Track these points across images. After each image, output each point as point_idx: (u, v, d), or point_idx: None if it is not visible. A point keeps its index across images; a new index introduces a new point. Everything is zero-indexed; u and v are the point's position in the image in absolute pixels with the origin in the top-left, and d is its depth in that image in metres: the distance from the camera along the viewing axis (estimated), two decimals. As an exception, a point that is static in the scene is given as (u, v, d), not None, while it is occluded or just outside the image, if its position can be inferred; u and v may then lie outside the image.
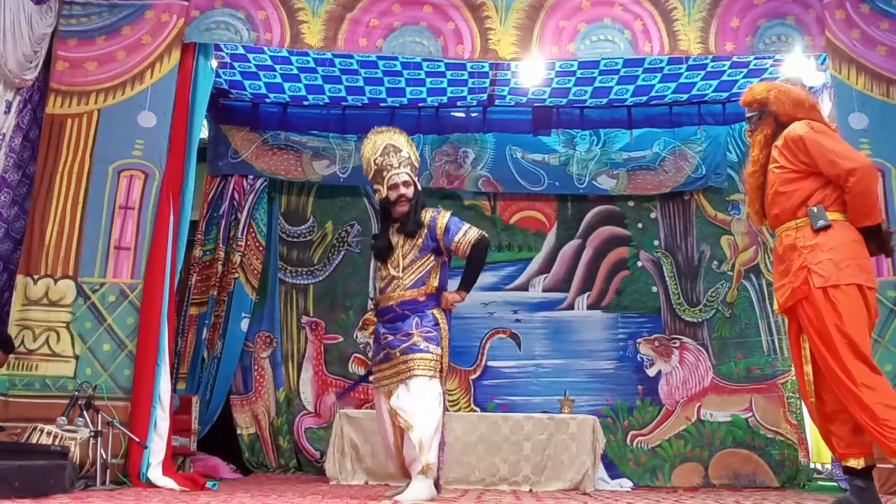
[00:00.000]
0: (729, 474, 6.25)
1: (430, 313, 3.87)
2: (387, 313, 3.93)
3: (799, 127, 3.20)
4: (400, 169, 3.96)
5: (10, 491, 2.95)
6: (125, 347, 4.52)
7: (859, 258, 3.08)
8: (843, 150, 3.12)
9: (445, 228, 3.88)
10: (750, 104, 3.42)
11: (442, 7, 5.06)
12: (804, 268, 3.08)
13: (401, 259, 3.92)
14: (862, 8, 4.82)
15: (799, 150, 3.15)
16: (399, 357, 3.79)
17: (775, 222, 3.27)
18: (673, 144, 6.86)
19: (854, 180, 3.03)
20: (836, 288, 3.01)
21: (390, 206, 3.97)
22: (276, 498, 3.64)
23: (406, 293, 3.88)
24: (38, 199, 4.68)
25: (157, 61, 4.89)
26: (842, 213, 3.12)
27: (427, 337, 3.81)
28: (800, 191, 3.16)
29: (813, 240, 3.09)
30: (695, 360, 6.63)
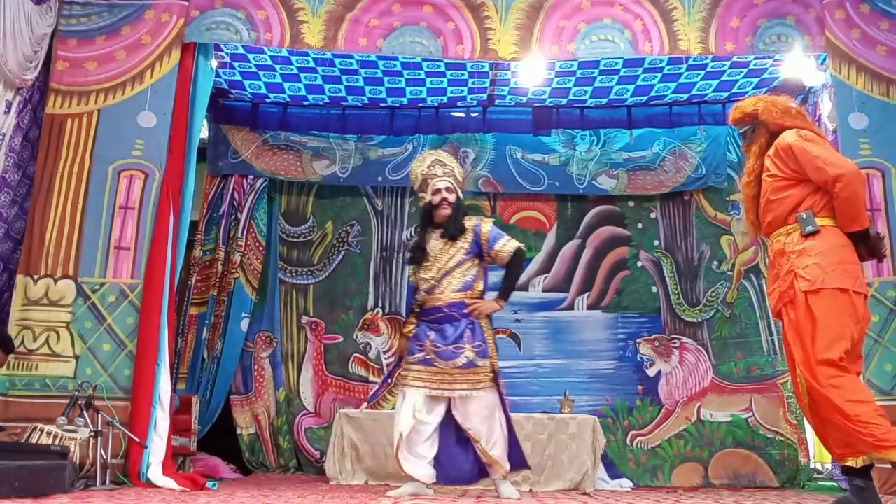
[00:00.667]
0: (729, 474, 6.25)
1: (479, 325, 4.11)
2: (435, 313, 4.13)
3: (788, 135, 3.27)
4: (443, 177, 4.25)
5: (10, 491, 2.95)
6: (125, 347, 4.52)
7: (846, 263, 3.12)
8: (829, 157, 3.18)
9: (490, 236, 4.16)
10: (741, 120, 3.50)
11: (442, 7, 5.06)
12: (791, 272, 3.14)
13: (448, 261, 4.16)
14: (862, 8, 4.82)
15: (788, 157, 3.23)
16: (454, 370, 4.03)
17: (768, 229, 3.34)
18: (673, 144, 6.86)
19: (841, 185, 3.09)
20: (819, 292, 3.06)
21: (433, 210, 4.23)
22: (276, 498, 3.64)
23: (455, 295, 4.13)
24: (38, 199, 4.68)
25: (157, 61, 4.89)
26: (831, 219, 3.17)
27: (478, 351, 4.06)
28: (790, 198, 3.24)
29: (801, 244, 3.16)
30: (695, 360, 6.63)
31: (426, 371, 4.08)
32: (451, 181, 4.26)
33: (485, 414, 4.03)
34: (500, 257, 4.16)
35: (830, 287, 3.05)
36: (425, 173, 4.28)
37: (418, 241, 4.27)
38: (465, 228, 4.17)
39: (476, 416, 4.02)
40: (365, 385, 6.74)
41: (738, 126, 3.54)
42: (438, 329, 4.11)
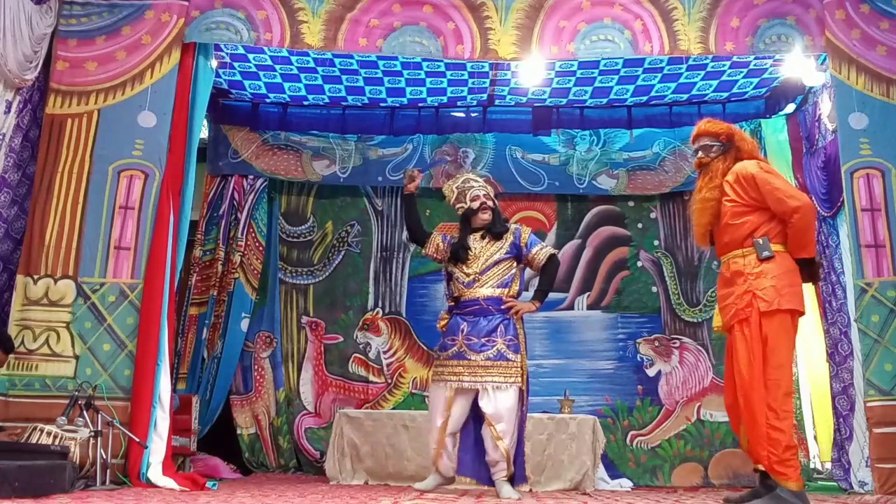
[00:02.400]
0: (729, 474, 6.25)
1: (513, 322, 4.30)
2: (471, 305, 4.31)
3: (750, 166, 3.58)
4: (479, 188, 4.53)
5: (10, 491, 2.95)
6: (125, 347, 4.52)
7: (795, 286, 3.50)
8: (789, 190, 3.55)
9: (529, 240, 4.45)
10: (717, 134, 3.74)
11: (442, 7, 5.06)
12: (749, 292, 3.45)
13: (488, 259, 4.38)
14: (862, 8, 4.82)
15: (749, 186, 3.53)
16: (483, 362, 4.19)
17: (724, 249, 3.62)
18: (673, 144, 6.86)
19: (798, 217, 3.44)
20: (774, 313, 3.40)
21: (472, 214, 4.45)
22: (276, 498, 3.64)
23: (494, 290, 4.33)
24: (38, 199, 4.68)
25: (157, 61, 4.89)
26: (782, 245, 3.52)
27: (510, 345, 4.24)
28: (748, 223, 3.53)
29: (758, 267, 3.47)
30: (695, 360, 6.63)
31: (459, 365, 4.24)
32: (487, 190, 4.55)
33: (509, 407, 4.15)
34: (537, 261, 4.41)
35: (784, 308, 3.42)
36: (460, 187, 4.56)
37: (461, 241, 4.44)
38: (506, 230, 4.44)
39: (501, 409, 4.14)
40: (365, 385, 6.75)
41: (710, 138, 3.75)
42: (473, 321, 4.29)
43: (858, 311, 4.56)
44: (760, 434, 3.35)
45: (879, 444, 4.34)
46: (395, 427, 5.59)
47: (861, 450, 4.96)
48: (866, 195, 4.64)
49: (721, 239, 3.64)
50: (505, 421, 4.13)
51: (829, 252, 5.54)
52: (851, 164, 4.70)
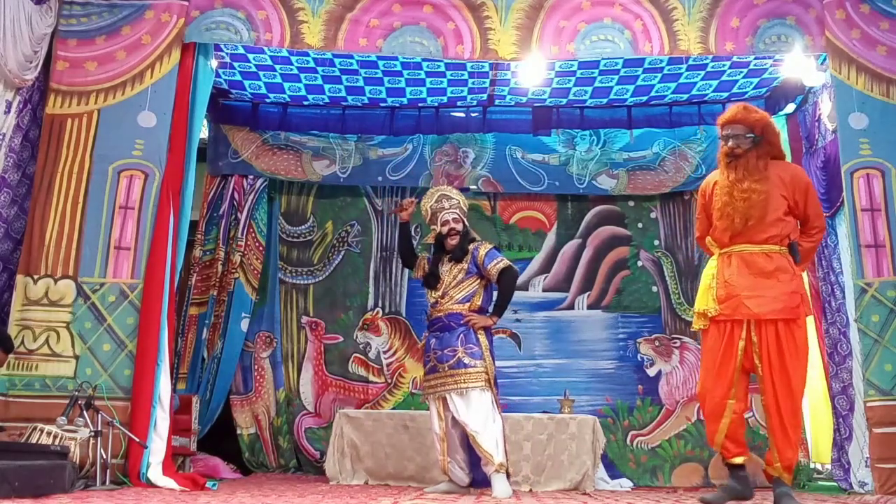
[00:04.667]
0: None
1: (473, 332, 4.55)
2: (436, 323, 4.65)
3: (803, 173, 3.78)
4: (450, 210, 4.76)
5: (10, 491, 2.95)
6: (125, 347, 4.52)
7: None
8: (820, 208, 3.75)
9: (484, 257, 4.63)
10: (753, 126, 3.62)
11: (442, 7, 5.06)
12: (798, 293, 3.53)
13: (451, 280, 4.66)
14: (862, 8, 4.81)
15: (800, 191, 3.62)
16: (447, 371, 4.49)
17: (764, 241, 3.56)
18: (673, 144, 6.86)
19: (820, 236, 3.72)
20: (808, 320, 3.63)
21: (443, 239, 4.74)
22: (276, 498, 3.64)
23: (454, 307, 4.61)
24: (38, 199, 4.68)
25: (157, 61, 4.89)
26: None
27: (471, 353, 4.49)
28: (790, 224, 3.61)
29: (797, 270, 3.60)
30: (695, 359, 6.63)
31: (434, 378, 4.57)
32: (457, 212, 4.76)
33: (480, 410, 4.38)
34: (491, 275, 4.62)
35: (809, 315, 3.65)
36: (434, 207, 4.79)
37: (431, 269, 4.76)
38: (466, 251, 4.67)
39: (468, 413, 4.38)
40: (365, 385, 6.75)
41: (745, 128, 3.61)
42: (439, 337, 4.61)
43: (858, 311, 4.57)
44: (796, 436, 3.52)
45: (879, 444, 4.34)
46: (395, 427, 5.59)
47: (861, 450, 4.96)
48: (866, 195, 4.64)
49: (765, 230, 3.55)
50: (473, 420, 4.35)
51: (829, 252, 5.54)
52: (851, 164, 4.70)
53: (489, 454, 4.29)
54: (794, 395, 3.46)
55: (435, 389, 4.54)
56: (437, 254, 4.80)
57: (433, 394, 4.56)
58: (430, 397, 4.62)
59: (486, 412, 4.37)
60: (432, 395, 4.57)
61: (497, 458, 4.29)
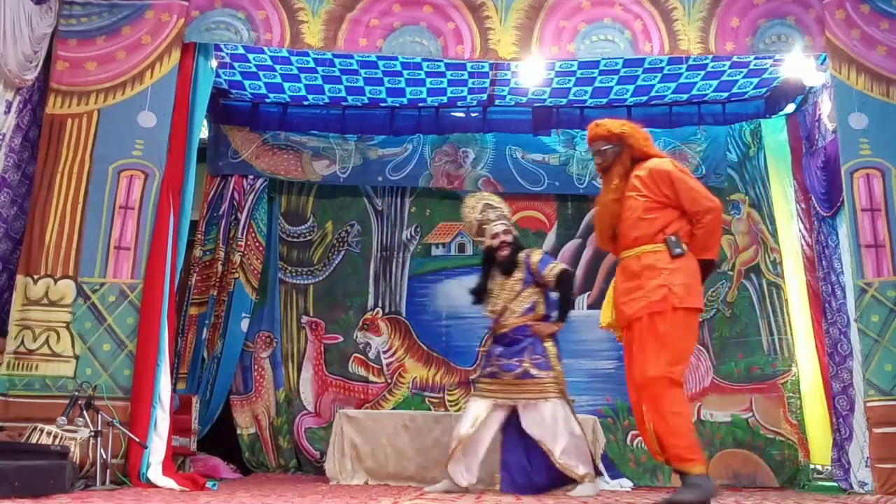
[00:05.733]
0: (729, 474, 6.24)
1: (540, 342, 4.60)
2: (503, 339, 4.69)
3: (665, 163, 3.65)
4: (497, 221, 4.77)
5: (10, 491, 2.95)
6: (125, 347, 4.52)
7: (700, 285, 3.60)
8: (703, 191, 3.61)
9: (538, 264, 4.67)
10: (607, 138, 3.74)
11: (442, 7, 5.06)
12: (665, 286, 3.47)
13: (509, 293, 4.68)
14: (862, 8, 4.82)
15: (664, 183, 3.57)
16: (512, 381, 4.55)
17: (633, 244, 3.62)
18: (673, 144, 6.85)
19: (710, 218, 3.53)
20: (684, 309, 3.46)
21: (494, 251, 4.75)
22: (276, 498, 3.64)
23: (518, 320, 4.65)
24: (38, 199, 4.68)
25: (157, 61, 4.89)
26: (687, 245, 3.57)
27: (537, 364, 4.55)
28: (659, 219, 3.57)
29: (673, 264, 3.51)
30: (695, 359, 6.62)
31: (494, 383, 4.61)
32: (505, 223, 4.77)
33: (548, 422, 4.45)
34: (549, 281, 4.63)
35: (692, 306, 3.50)
36: (479, 219, 4.83)
37: (482, 283, 4.79)
38: (516, 262, 4.68)
39: (537, 425, 4.46)
40: (365, 385, 6.75)
41: (602, 143, 3.74)
42: (505, 347, 4.66)
43: (858, 311, 4.57)
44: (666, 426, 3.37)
45: (879, 444, 4.35)
46: (395, 427, 5.59)
47: (861, 450, 4.96)
48: (866, 195, 4.64)
49: (629, 234, 3.63)
50: (544, 435, 4.43)
51: (829, 252, 5.54)
52: (851, 164, 4.70)
53: (570, 470, 4.39)
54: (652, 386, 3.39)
55: (495, 395, 4.59)
56: (486, 267, 4.82)
57: (491, 398, 4.60)
58: (483, 398, 4.63)
59: (559, 424, 4.44)
60: (490, 398, 4.60)
61: (579, 471, 4.40)
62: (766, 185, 6.59)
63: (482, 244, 4.84)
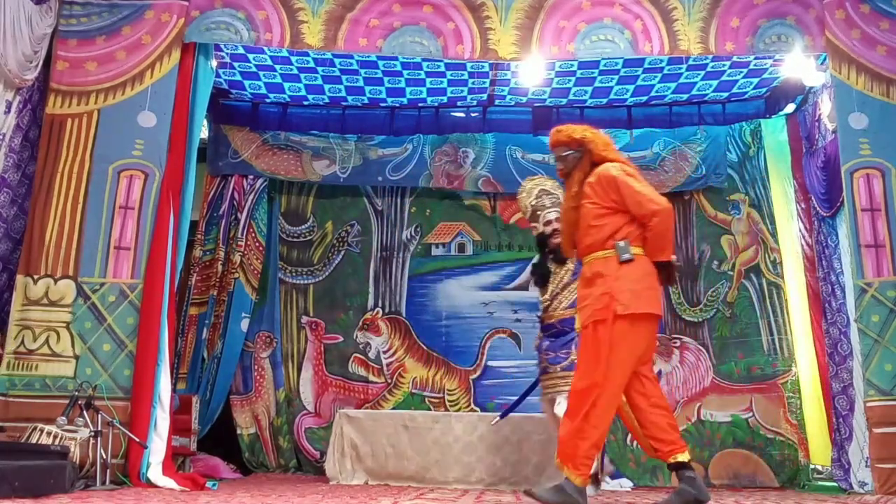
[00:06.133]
0: (729, 474, 6.25)
1: None
2: (550, 329, 4.72)
3: (611, 168, 3.59)
4: (552, 208, 4.70)
5: (10, 491, 2.95)
6: (125, 347, 4.52)
7: (653, 289, 3.52)
8: (649, 194, 3.55)
9: None
10: (568, 144, 3.72)
11: (442, 7, 5.06)
12: (608, 294, 3.44)
13: (557, 283, 4.68)
14: (862, 8, 4.82)
15: (610, 188, 3.54)
16: (559, 373, 4.58)
17: (586, 251, 3.62)
18: (673, 144, 6.86)
19: (657, 220, 3.47)
20: (631, 316, 3.40)
21: (546, 238, 4.72)
22: (276, 498, 3.64)
23: (566, 312, 4.62)
24: (38, 199, 4.68)
25: (157, 61, 4.89)
26: (641, 248, 3.52)
27: None
28: (609, 225, 3.54)
29: (618, 270, 3.47)
30: (695, 359, 6.63)
31: (547, 379, 4.71)
32: (558, 210, 4.57)
33: None
34: None
35: (641, 312, 3.42)
36: (534, 205, 4.79)
37: (542, 268, 4.75)
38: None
39: None
40: (365, 385, 6.75)
41: (563, 148, 3.72)
42: (552, 340, 4.70)
43: (858, 311, 4.57)
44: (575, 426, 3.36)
45: (879, 444, 4.34)
46: (395, 427, 5.59)
47: (861, 450, 4.96)
48: (866, 195, 4.64)
49: (583, 241, 3.63)
50: None
51: (829, 252, 5.54)
52: (851, 164, 4.70)
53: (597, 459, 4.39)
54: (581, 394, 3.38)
55: (548, 390, 4.69)
56: (542, 253, 4.80)
57: (545, 395, 4.74)
58: (544, 396, 4.78)
59: None
60: (548, 395, 4.72)
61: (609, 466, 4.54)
62: (766, 185, 6.59)
63: (535, 230, 4.84)
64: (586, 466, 3.37)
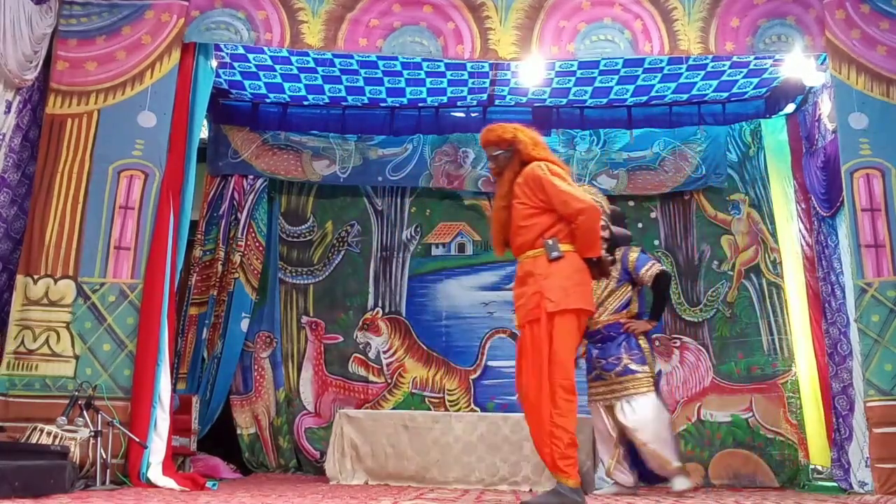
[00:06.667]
0: (729, 474, 6.25)
1: (634, 338, 4.77)
2: (595, 335, 4.83)
3: (537, 167, 3.63)
4: None
5: (10, 491, 2.95)
6: (125, 347, 4.52)
7: (584, 285, 3.59)
8: (574, 192, 3.61)
9: (635, 262, 4.81)
10: (498, 143, 3.75)
11: (442, 7, 5.06)
12: (539, 293, 3.50)
13: (604, 290, 4.80)
14: (862, 8, 4.81)
15: (537, 188, 3.59)
16: (615, 378, 4.72)
17: (518, 251, 3.68)
18: (673, 144, 6.86)
19: (582, 218, 3.53)
20: (562, 313, 3.47)
21: None
22: (276, 498, 3.64)
23: (611, 317, 4.80)
24: (38, 199, 4.68)
25: (157, 61, 4.89)
26: (570, 245, 3.59)
27: (636, 359, 4.72)
28: (538, 224, 3.59)
29: (548, 268, 3.52)
30: (695, 359, 6.63)
31: (601, 385, 4.80)
32: (604, 219, 4.64)
33: (649, 417, 4.60)
34: (645, 281, 4.79)
35: (572, 308, 3.48)
36: None
37: None
38: (614, 260, 4.70)
39: (638, 421, 4.60)
40: (365, 385, 6.75)
41: (494, 148, 3.76)
42: (600, 347, 4.82)
43: (858, 311, 4.57)
44: (545, 432, 3.43)
45: (879, 444, 4.34)
46: (395, 427, 5.59)
47: (861, 450, 4.96)
48: (866, 195, 4.64)
49: (514, 241, 3.69)
50: (644, 429, 4.58)
51: (829, 252, 5.54)
52: (851, 164, 4.70)
53: (666, 459, 4.57)
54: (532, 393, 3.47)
55: (604, 396, 4.77)
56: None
57: (601, 401, 4.79)
58: (596, 403, 4.83)
59: (655, 418, 4.60)
60: (600, 401, 4.79)
61: (675, 462, 4.58)
62: (766, 185, 6.59)
63: None
64: (571, 466, 3.40)
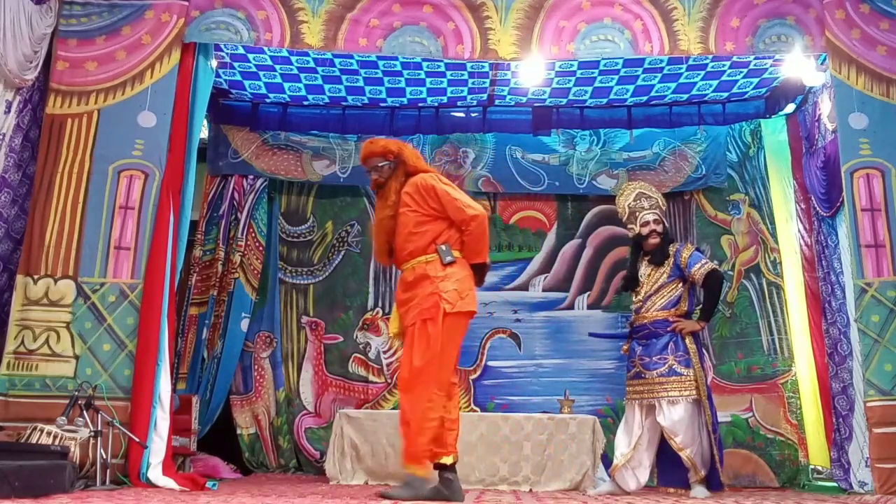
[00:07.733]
0: (729, 474, 6.22)
1: (682, 339, 4.68)
2: (641, 330, 4.77)
3: (429, 178, 3.87)
4: (650, 210, 4.83)
5: (10, 491, 2.95)
6: (125, 347, 4.52)
7: (473, 289, 3.82)
8: (466, 200, 3.84)
9: (688, 259, 4.71)
10: (384, 154, 3.97)
11: (442, 7, 5.06)
12: (436, 293, 3.69)
13: (653, 285, 4.76)
14: (862, 8, 4.82)
15: (430, 197, 3.80)
16: (657, 379, 4.62)
17: (409, 257, 3.83)
18: (673, 144, 6.86)
19: (475, 224, 3.77)
20: (456, 314, 3.68)
21: (642, 240, 4.83)
22: (276, 498, 3.64)
23: (659, 313, 4.73)
24: (38, 199, 4.68)
25: (157, 61, 4.89)
26: (459, 252, 3.81)
27: (682, 361, 4.63)
28: (430, 231, 3.80)
29: (443, 271, 3.73)
30: (695, 359, 6.62)
31: (640, 384, 4.71)
32: (657, 213, 4.80)
33: (687, 420, 4.53)
34: (696, 279, 4.69)
35: (464, 310, 3.71)
36: (632, 206, 4.88)
37: (631, 270, 4.88)
38: (668, 254, 4.73)
39: (677, 424, 4.52)
40: (365, 385, 6.75)
41: (379, 159, 3.96)
42: (645, 343, 4.73)
43: (858, 311, 4.57)
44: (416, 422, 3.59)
45: (879, 444, 4.35)
46: (395, 427, 5.55)
47: (861, 450, 4.96)
48: (866, 195, 4.64)
49: (405, 248, 3.84)
50: (681, 433, 4.51)
51: (829, 252, 5.54)
52: (851, 164, 4.70)
53: (697, 466, 4.51)
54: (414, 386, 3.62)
55: (642, 396, 4.69)
56: (635, 255, 4.90)
57: (638, 400, 4.72)
58: (633, 402, 4.77)
59: (694, 424, 4.55)
60: (637, 400, 4.72)
61: (702, 472, 4.52)
62: (765, 185, 6.59)
63: (631, 231, 4.91)
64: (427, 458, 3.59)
